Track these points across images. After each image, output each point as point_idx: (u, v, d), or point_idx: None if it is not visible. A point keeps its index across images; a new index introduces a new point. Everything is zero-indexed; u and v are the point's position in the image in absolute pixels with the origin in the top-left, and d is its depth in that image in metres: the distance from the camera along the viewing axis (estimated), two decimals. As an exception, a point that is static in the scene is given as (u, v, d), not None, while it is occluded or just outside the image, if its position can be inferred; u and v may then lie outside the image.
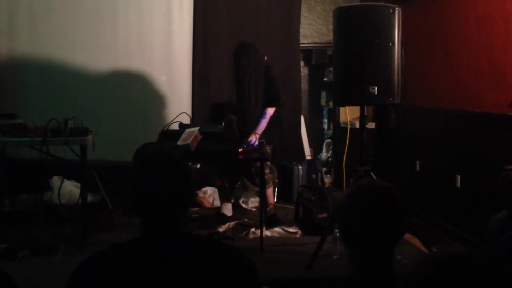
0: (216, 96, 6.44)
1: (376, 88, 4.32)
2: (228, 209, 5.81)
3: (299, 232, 5.32)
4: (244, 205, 6.41)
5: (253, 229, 5.22)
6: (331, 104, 8.42)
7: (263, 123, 5.46)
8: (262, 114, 5.48)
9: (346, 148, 7.11)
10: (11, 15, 6.43)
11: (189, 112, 6.29)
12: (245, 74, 5.39)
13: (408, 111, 6.37)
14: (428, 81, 5.90)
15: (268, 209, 5.67)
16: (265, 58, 5.55)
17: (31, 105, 6.26)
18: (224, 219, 5.62)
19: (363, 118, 4.62)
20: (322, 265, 4.31)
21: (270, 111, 5.51)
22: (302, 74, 7.85)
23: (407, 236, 4.86)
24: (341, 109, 7.43)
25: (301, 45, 7.08)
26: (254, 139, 5.26)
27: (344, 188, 6.92)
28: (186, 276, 1.70)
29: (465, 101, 5.12)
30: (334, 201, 5.39)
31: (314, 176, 7.22)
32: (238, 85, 5.50)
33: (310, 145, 7.57)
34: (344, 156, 7.13)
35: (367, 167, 4.47)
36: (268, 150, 5.09)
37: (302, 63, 8.05)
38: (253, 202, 6.31)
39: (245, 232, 5.22)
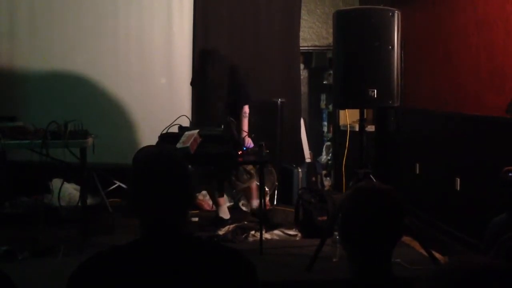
0: (216, 99, 6.44)
1: (375, 91, 4.32)
2: (225, 212, 5.84)
3: (299, 234, 5.32)
4: (244, 208, 6.41)
5: (252, 232, 5.22)
6: (330, 107, 8.43)
7: (246, 122, 5.70)
8: (241, 114, 5.69)
9: (346, 151, 7.12)
10: (12, 17, 6.43)
11: (189, 114, 6.29)
12: (210, 79, 5.63)
13: (408, 113, 6.37)
14: (428, 83, 5.91)
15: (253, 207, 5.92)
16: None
17: (31, 107, 6.26)
18: (223, 222, 5.65)
19: (362, 121, 4.62)
20: (322, 267, 4.30)
21: (247, 109, 5.74)
22: (302, 77, 7.86)
23: (407, 239, 4.86)
24: (341, 112, 7.44)
25: (301, 48, 7.09)
26: (248, 140, 5.47)
27: (344, 191, 6.92)
28: (186, 277, 1.70)
29: (465, 103, 5.13)
30: (334, 203, 5.40)
31: (314, 178, 7.22)
32: (202, 88, 5.75)
33: (310, 148, 7.58)
34: (344, 159, 7.13)
35: (367, 170, 4.48)
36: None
37: (302, 66, 8.06)
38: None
39: (245, 234, 5.22)
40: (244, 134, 5.50)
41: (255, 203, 5.95)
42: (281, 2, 6.87)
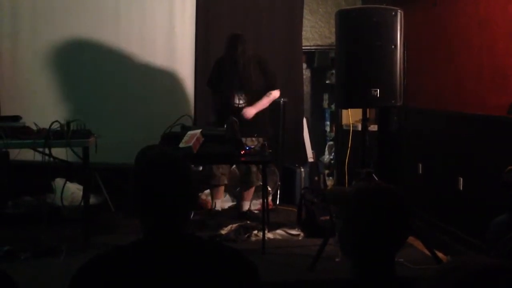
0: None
1: (378, 90, 4.33)
2: (218, 204, 5.89)
3: (302, 234, 5.32)
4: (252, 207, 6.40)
5: (255, 231, 5.22)
6: (333, 106, 8.42)
7: (265, 101, 5.68)
8: (265, 94, 5.67)
9: (348, 151, 7.09)
10: (14, 15, 6.44)
11: (191, 114, 6.30)
12: (242, 62, 5.53)
13: (411, 113, 6.36)
14: (430, 83, 5.90)
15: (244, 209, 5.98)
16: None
17: (34, 107, 6.27)
18: (216, 212, 5.70)
19: (365, 121, 4.62)
20: (324, 267, 4.31)
21: (275, 93, 5.74)
22: (304, 77, 7.85)
23: (410, 239, 4.86)
24: (344, 111, 7.42)
25: (303, 47, 7.09)
26: (250, 111, 5.52)
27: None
28: (187, 278, 1.70)
29: (467, 104, 5.12)
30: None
31: (316, 178, 7.22)
32: (231, 73, 5.60)
33: (313, 148, 7.57)
34: (347, 159, 7.10)
35: (369, 169, 4.48)
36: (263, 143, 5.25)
37: (304, 66, 8.05)
38: (255, 204, 6.31)
39: (247, 234, 5.22)
40: (252, 109, 5.52)
41: (247, 205, 5.99)
42: (283, 2, 6.86)
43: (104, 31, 6.49)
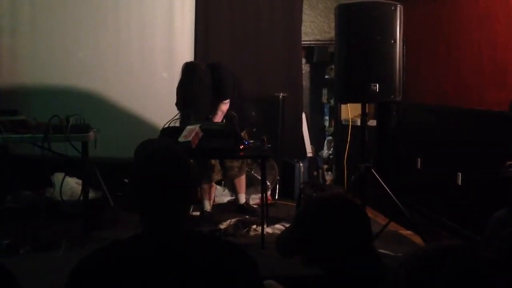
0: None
1: (377, 85, 4.33)
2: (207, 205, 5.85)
3: (300, 229, 5.32)
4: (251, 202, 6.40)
5: (254, 226, 5.22)
6: (332, 101, 8.42)
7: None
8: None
9: (347, 146, 7.11)
10: (13, 12, 6.43)
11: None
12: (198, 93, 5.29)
13: (410, 108, 6.36)
14: (430, 78, 5.90)
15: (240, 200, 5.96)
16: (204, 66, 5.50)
17: (33, 101, 6.26)
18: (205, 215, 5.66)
19: (364, 115, 4.62)
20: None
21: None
22: (303, 72, 7.85)
23: (409, 234, 4.87)
24: (343, 106, 7.43)
25: (302, 42, 7.08)
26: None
27: (345, 185, 6.94)
28: (187, 272, 1.70)
29: (467, 99, 5.12)
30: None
31: (315, 173, 7.23)
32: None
33: (312, 142, 7.57)
34: (346, 154, 7.13)
35: (368, 164, 4.48)
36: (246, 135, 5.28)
37: (303, 61, 8.05)
38: (254, 199, 6.32)
39: (246, 229, 5.22)
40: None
41: (244, 198, 6.01)
42: (283, -4, 6.86)
43: (103, 26, 6.49)
